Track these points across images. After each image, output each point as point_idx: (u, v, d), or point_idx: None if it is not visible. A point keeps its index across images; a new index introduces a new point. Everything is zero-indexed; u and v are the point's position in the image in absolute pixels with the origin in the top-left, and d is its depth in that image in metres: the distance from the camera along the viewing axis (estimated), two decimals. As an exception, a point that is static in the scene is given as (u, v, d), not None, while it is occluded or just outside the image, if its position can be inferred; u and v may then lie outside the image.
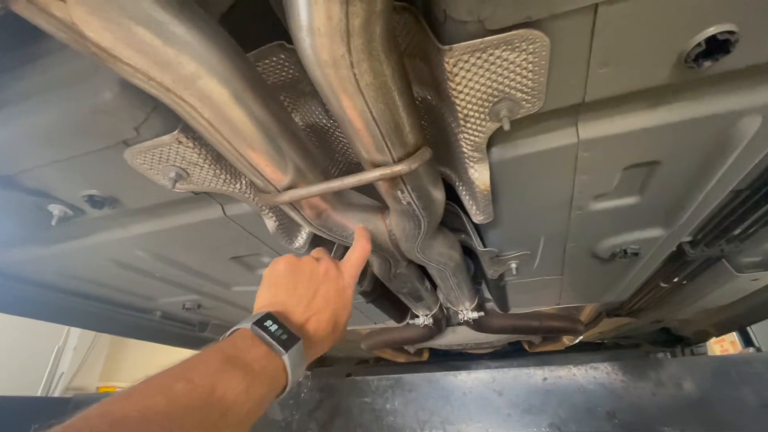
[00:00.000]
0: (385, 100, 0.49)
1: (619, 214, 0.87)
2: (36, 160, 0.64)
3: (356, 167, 0.87)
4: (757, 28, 0.45)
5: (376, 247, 0.90)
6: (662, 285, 1.43)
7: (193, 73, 0.45)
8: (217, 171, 0.68)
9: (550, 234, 0.98)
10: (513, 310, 1.77)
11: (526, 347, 2.64)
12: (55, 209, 0.76)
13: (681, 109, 0.58)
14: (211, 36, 0.45)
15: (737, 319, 1.90)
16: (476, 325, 1.69)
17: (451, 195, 0.84)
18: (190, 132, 0.61)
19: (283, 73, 0.67)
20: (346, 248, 1.06)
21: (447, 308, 1.73)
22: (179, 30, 0.42)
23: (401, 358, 2.68)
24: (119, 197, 0.76)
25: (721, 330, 2.09)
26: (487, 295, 1.63)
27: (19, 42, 0.56)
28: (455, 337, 2.12)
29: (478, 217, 0.81)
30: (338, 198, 0.78)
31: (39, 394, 5.05)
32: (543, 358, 2.47)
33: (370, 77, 0.45)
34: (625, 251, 1.02)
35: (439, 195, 0.77)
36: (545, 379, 0.66)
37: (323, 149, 0.82)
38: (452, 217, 0.99)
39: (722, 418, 0.64)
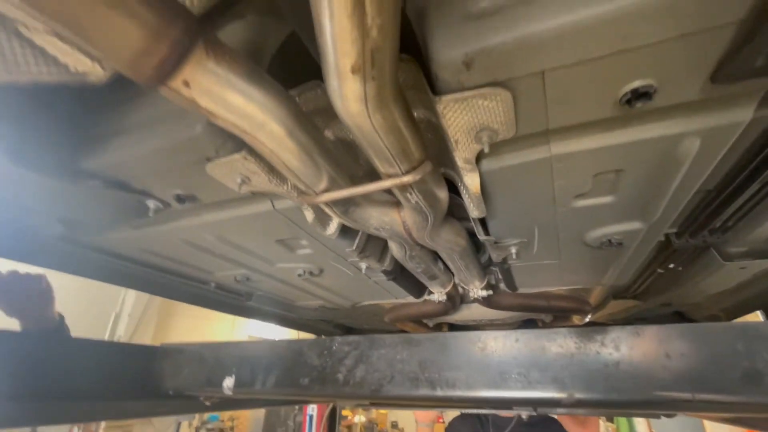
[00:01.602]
0: (393, 134, 0.68)
1: (599, 210, 1.02)
2: (143, 171, 0.89)
3: (376, 171, 1.07)
4: (670, 80, 0.60)
5: (393, 234, 1.11)
6: (659, 270, 1.56)
7: (263, 120, 0.66)
8: (270, 177, 0.90)
9: (543, 225, 1.14)
10: (521, 290, 1.95)
11: (539, 325, 2.81)
12: (151, 203, 1.01)
13: (630, 133, 0.73)
14: (274, 92, 0.66)
15: (744, 305, 1.98)
16: (486, 302, 1.89)
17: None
18: (252, 152, 0.83)
19: (319, 102, 0.87)
20: (369, 236, 1.27)
21: (460, 286, 1.93)
22: (255, 93, 0.63)
23: (422, 331, 2.92)
24: (197, 195, 1.00)
25: (730, 315, 2.17)
26: (500, 276, 1.82)
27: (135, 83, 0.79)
28: (470, 314, 2.32)
29: (474, 213, 1.00)
30: (362, 196, 0.99)
31: (102, 353, 5.70)
32: None
33: (382, 121, 0.64)
34: (610, 241, 1.17)
35: (442, 194, 0.96)
36: (517, 340, 0.85)
37: (350, 156, 1.02)
38: (460, 209, 1.18)
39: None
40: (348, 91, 0.57)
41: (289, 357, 1.04)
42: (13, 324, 1.47)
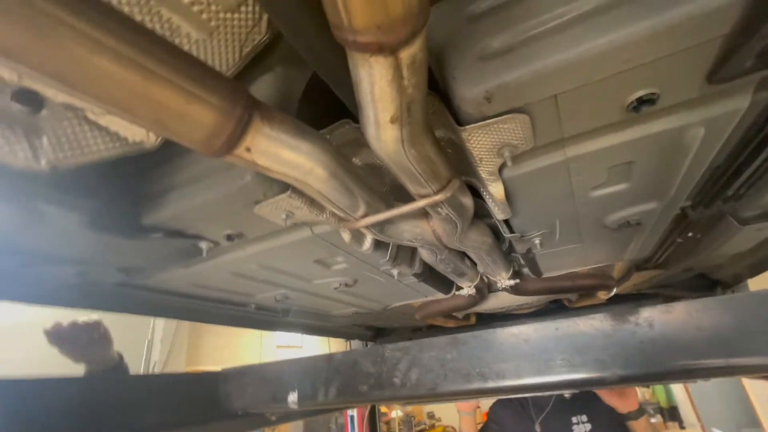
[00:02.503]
0: (425, 162, 0.76)
1: (616, 197, 1.09)
2: (198, 219, 0.98)
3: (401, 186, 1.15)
4: (671, 86, 0.67)
5: (425, 243, 1.19)
6: (679, 240, 1.62)
7: (310, 168, 0.74)
8: (312, 209, 0.98)
9: (563, 216, 1.21)
10: (546, 274, 2.02)
11: (566, 303, 2.87)
12: (203, 245, 1.11)
13: (638, 130, 0.80)
14: (316, 141, 0.74)
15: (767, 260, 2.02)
16: (514, 290, 1.96)
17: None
18: (296, 190, 0.91)
19: (347, 136, 0.95)
20: (399, 247, 1.36)
21: (487, 278, 2.00)
22: (303, 145, 0.71)
23: (451, 323, 3.01)
24: (245, 232, 1.09)
25: (754, 271, 2.21)
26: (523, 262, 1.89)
27: None
28: (498, 302, 2.40)
29: (499, 216, 1.07)
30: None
31: (141, 380, 5.91)
32: (578, 313, 2.69)
33: (416, 154, 0.72)
34: (628, 222, 1.23)
35: (468, 202, 1.04)
36: (557, 329, 0.93)
37: (378, 178, 1.10)
38: (482, 209, 1.25)
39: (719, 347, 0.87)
40: (386, 136, 0.66)
41: (346, 367, 1.13)
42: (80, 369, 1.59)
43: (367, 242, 1.24)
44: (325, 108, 0.99)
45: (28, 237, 0.85)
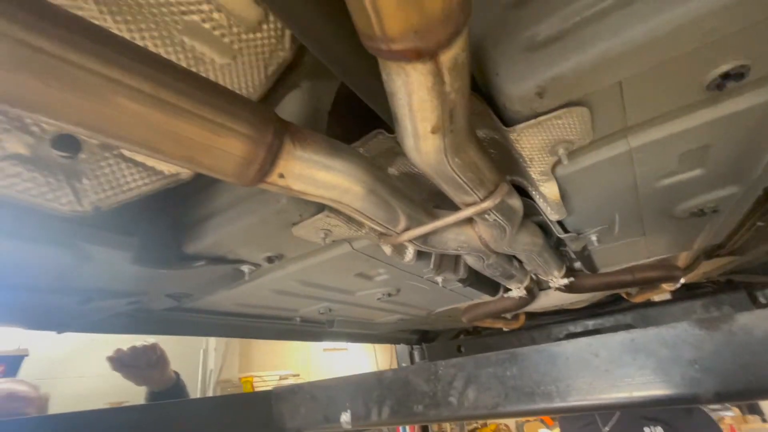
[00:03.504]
0: (471, 170, 0.70)
1: (688, 184, 0.96)
2: (237, 244, 0.97)
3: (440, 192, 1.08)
4: (764, 55, 0.56)
5: (470, 249, 1.12)
6: (759, 224, 1.43)
7: (347, 187, 0.70)
8: (350, 226, 0.94)
9: (624, 210, 1.09)
10: (603, 269, 1.87)
11: (625, 296, 2.67)
12: (245, 268, 1.10)
13: (718, 110, 0.68)
14: (351, 157, 0.69)
15: None
16: (568, 289, 1.83)
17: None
18: (333, 209, 0.87)
19: (381, 146, 0.90)
20: (443, 256, 1.29)
21: (537, 277, 1.88)
22: (337, 164, 0.67)
23: (499, 324, 2.89)
24: (284, 253, 1.07)
25: None
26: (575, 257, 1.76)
27: None
28: (549, 300, 2.26)
29: (553, 216, 0.98)
30: (436, 223, 1.00)
31: (198, 388, 6.19)
32: (640, 312, 2.48)
33: (460, 163, 0.66)
34: (702, 210, 1.09)
35: (517, 204, 0.95)
36: (632, 340, 0.83)
37: (417, 186, 1.04)
38: (530, 207, 1.16)
39: None
40: (427, 147, 0.59)
41: (398, 386, 1.08)
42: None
43: (410, 254, 1.18)
44: (355, 117, 0.94)
45: (79, 277, 0.87)
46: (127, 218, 0.82)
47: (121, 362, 1.60)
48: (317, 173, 0.65)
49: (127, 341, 1.76)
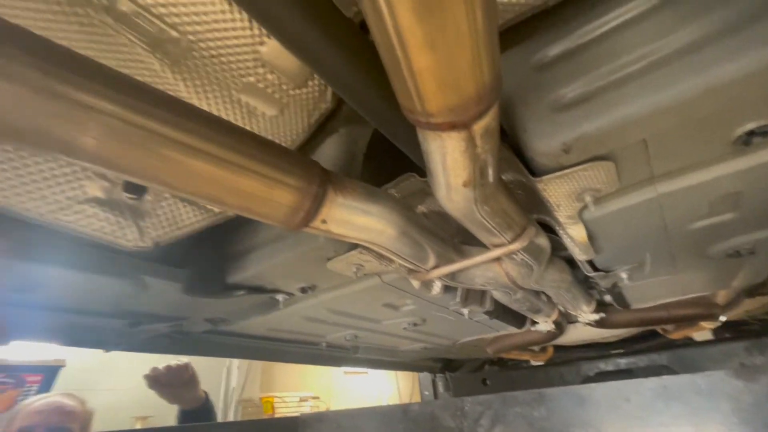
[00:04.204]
0: (499, 215, 0.73)
1: (721, 227, 0.96)
2: (275, 276, 1.03)
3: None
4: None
5: (498, 285, 1.13)
6: (805, 263, 1.37)
7: (381, 229, 0.75)
8: (381, 262, 0.99)
9: (655, 250, 1.09)
10: (635, 305, 1.82)
11: (661, 332, 2.55)
12: (280, 297, 1.16)
13: (748, 160, 0.70)
14: (385, 201, 0.75)
15: None
16: (599, 324, 1.79)
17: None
18: (366, 247, 0.92)
19: (412, 188, 0.95)
20: (469, 291, 1.31)
21: (566, 311, 1.85)
22: (373, 208, 0.72)
23: (526, 356, 2.81)
24: (317, 284, 1.13)
25: None
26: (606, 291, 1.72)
27: None
28: (578, 334, 2.20)
29: (581, 257, 0.99)
30: (464, 260, 1.04)
31: (221, 406, 6.23)
32: (677, 352, 2.34)
33: (489, 210, 0.70)
34: (738, 251, 1.07)
35: (545, 243, 0.97)
36: (666, 387, 0.81)
37: (445, 223, 1.08)
38: (559, 244, 1.17)
39: None
40: (459, 198, 0.64)
41: (424, 419, 1.09)
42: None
43: (437, 288, 1.21)
44: (388, 157, 1.00)
45: (134, 303, 0.95)
46: (179, 252, 0.91)
47: (157, 381, 1.68)
48: (355, 218, 0.70)
49: (159, 360, 1.84)
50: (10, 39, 0.40)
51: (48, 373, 3.82)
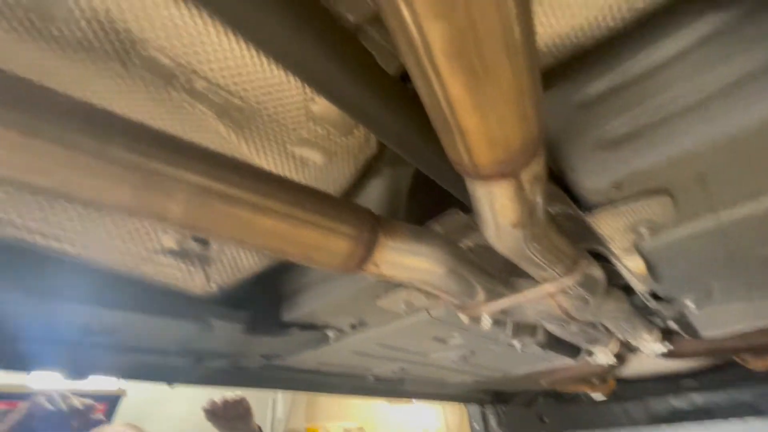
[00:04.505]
0: (550, 251, 0.73)
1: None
2: (326, 313, 1.07)
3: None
4: None
5: (551, 318, 1.10)
6: None
7: (429, 268, 0.76)
8: (429, 298, 0.99)
9: (722, 277, 1.01)
10: (706, 333, 1.66)
11: (740, 362, 2.29)
12: (331, 333, 1.19)
13: (822, 184, 0.65)
14: (433, 241, 0.76)
15: None
16: (665, 355, 1.65)
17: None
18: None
19: (458, 223, 0.96)
20: (518, 324, 1.27)
21: (627, 340, 1.73)
22: (422, 249, 0.74)
23: (584, 388, 2.63)
24: (367, 321, 1.15)
25: None
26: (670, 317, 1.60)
27: None
28: (643, 365, 2.04)
29: (640, 287, 0.95)
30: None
31: (267, 434, 6.25)
32: (762, 387, 2.01)
33: (539, 247, 0.69)
34: (824, 277, 0.97)
35: (599, 274, 0.94)
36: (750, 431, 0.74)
37: (491, 256, 1.08)
38: (615, 273, 1.12)
39: None
40: (508, 237, 0.65)
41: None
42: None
43: (487, 322, 1.19)
44: (430, 193, 1.03)
45: (200, 343, 1.02)
46: (240, 293, 0.97)
47: (214, 414, 1.74)
48: (405, 259, 0.73)
49: (216, 393, 1.92)
50: (113, 127, 0.48)
51: (110, 402, 4.04)
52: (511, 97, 0.40)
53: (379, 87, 0.67)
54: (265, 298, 1.06)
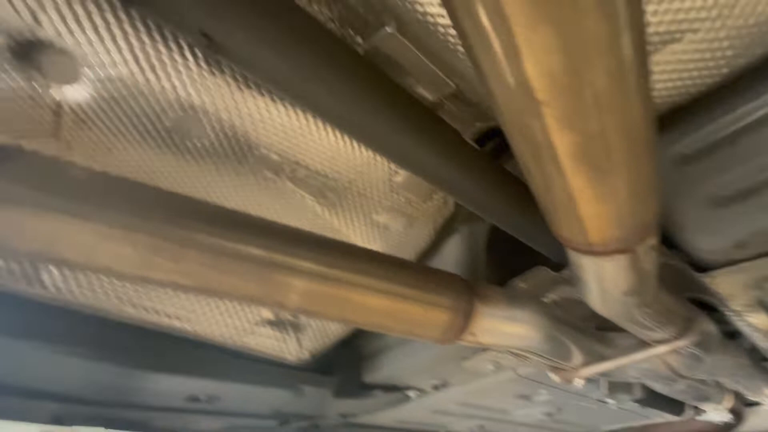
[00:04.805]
0: (660, 313, 0.68)
1: None
2: (409, 374, 1.06)
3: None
4: None
5: (656, 377, 1.00)
6: None
7: (526, 333, 0.74)
8: (519, 358, 0.95)
9: None
10: None
11: None
12: (412, 393, 1.17)
13: None
14: (529, 305, 0.74)
15: None
16: (795, 412, 1.41)
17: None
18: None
19: (544, 279, 0.93)
20: (614, 381, 1.17)
21: (743, 395, 1.51)
22: (518, 313, 0.72)
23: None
24: (450, 380, 1.12)
25: None
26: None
27: None
28: (762, 423, 1.75)
29: (764, 343, 0.84)
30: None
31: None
32: None
33: (650, 311, 0.65)
34: None
35: (712, 329, 0.85)
36: None
37: (580, 308, 1.02)
38: (725, 324, 1.00)
39: None
40: (617, 305, 0.62)
41: None
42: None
43: (580, 381, 1.10)
44: (508, 247, 1.01)
45: (288, 407, 1.04)
46: (326, 358, 0.99)
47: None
48: (502, 326, 0.71)
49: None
50: (248, 227, 0.53)
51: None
52: (633, 185, 0.39)
53: (459, 155, 0.70)
54: (347, 360, 1.07)
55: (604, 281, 0.57)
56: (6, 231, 0.44)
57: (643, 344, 0.80)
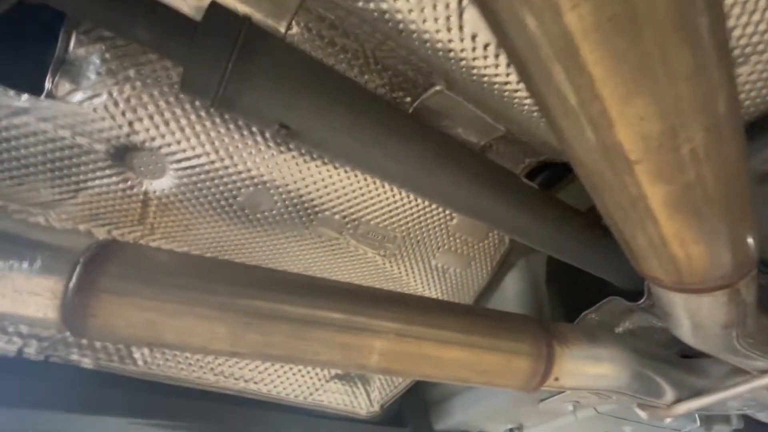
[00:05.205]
0: (762, 341, 0.62)
1: None
2: (483, 419, 1.01)
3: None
4: None
5: (759, 407, 0.90)
6: None
7: (614, 374, 0.70)
8: (601, 396, 0.89)
9: None
10: None
11: None
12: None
13: None
14: (611, 342, 0.70)
15: None
16: None
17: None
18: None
19: (616, 309, 0.88)
20: (711, 417, 1.07)
21: None
22: (601, 352, 0.69)
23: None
24: (524, 423, 1.06)
25: None
26: None
27: None
28: None
29: None
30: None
31: None
32: None
33: (752, 340, 0.60)
34: None
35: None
36: None
37: (659, 336, 0.95)
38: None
39: None
40: (715, 339, 0.57)
41: None
42: None
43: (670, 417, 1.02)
44: (568, 277, 0.98)
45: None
46: (396, 410, 0.97)
47: None
48: (586, 368, 0.68)
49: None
50: (326, 293, 0.55)
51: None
52: (731, 226, 0.38)
53: (513, 193, 0.70)
54: (417, 409, 1.04)
55: (699, 316, 0.53)
56: (113, 321, 0.47)
57: (740, 371, 0.73)
